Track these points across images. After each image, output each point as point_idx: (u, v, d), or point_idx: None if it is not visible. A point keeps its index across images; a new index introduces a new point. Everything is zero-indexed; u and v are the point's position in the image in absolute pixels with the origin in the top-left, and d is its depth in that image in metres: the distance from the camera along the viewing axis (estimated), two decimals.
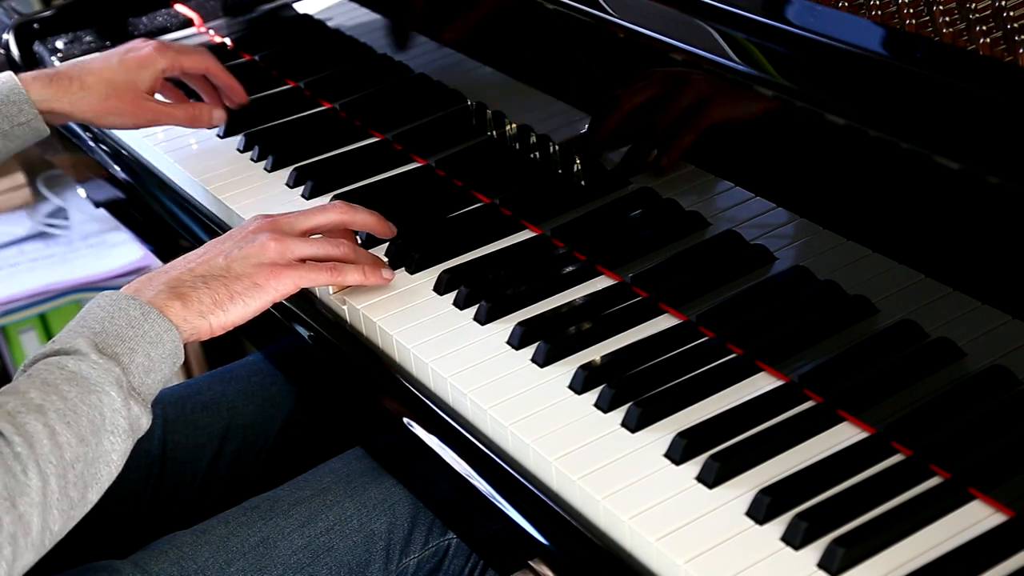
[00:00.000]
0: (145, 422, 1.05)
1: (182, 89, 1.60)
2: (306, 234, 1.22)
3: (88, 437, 1.00)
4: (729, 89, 1.15)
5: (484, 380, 1.13)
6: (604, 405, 1.08)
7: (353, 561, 1.22)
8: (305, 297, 1.31)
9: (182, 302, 1.10)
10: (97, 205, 1.85)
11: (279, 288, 1.16)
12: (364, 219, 1.27)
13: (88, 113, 1.44)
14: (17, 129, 1.39)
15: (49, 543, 0.98)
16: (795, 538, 0.93)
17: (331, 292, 1.27)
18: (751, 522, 0.96)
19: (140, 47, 1.47)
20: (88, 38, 1.83)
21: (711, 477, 0.99)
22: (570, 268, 1.26)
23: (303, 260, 1.18)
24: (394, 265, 1.29)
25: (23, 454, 0.95)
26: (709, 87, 1.18)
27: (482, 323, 1.20)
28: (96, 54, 1.49)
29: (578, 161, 1.33)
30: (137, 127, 1.49)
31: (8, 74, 1.41)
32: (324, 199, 1.43)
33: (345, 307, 1.26)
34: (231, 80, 1.56)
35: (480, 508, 1.09)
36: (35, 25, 1.83)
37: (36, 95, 1.40)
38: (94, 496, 1.01)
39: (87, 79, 1.42)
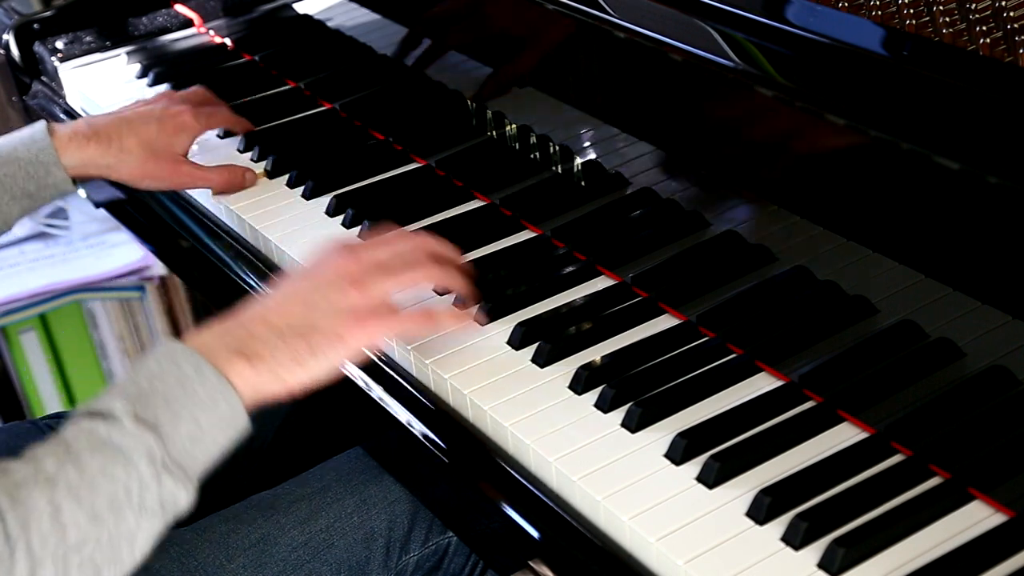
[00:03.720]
0: (184, 499, 0.94)
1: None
2: (389, 268, 1.09)
3: (104, 515, 0.90)
4: (728, 88, 1.15)
5: (484, 380, 1.13)
6: (604, 405, 1.08)
7: (353, 559, 1.23)
8: None
9: (250, 362, 0.99)
10: (97, 205, 1.85)
11: (364, 340, 1.05)
12: (457, 283, 1.16)
13: (125, 177, 1.41)
14: (43, 190, 1.35)
15: None
16: (795, 538, 0.93)
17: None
18: (751, 522, 0.96)
19: (177, 112, 1.44)
20: (88, 38, 1.83)
21: (711, 477, 0.99)
22: (570, 268, 1.26)
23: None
24: None
25: (13, 535, 0.87)
26: (708, 86, 1.18)
27: (482, 323, 1.20)
28: (131, 108, 1.46)
29: (578, 161, 1.33)
30: (170, 189, 1.48)
31: (41, 128, 1.36)
32: (324, 199, 1.42)
33: None
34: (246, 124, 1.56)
35: (480, 508, 1.09)
36: (35, 25, 1.83)
37: (69, 159, 1.35)
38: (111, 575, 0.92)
39: (127, 142, 1.38)
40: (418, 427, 1.15)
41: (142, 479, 0.92)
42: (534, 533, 1.03)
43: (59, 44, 1.82)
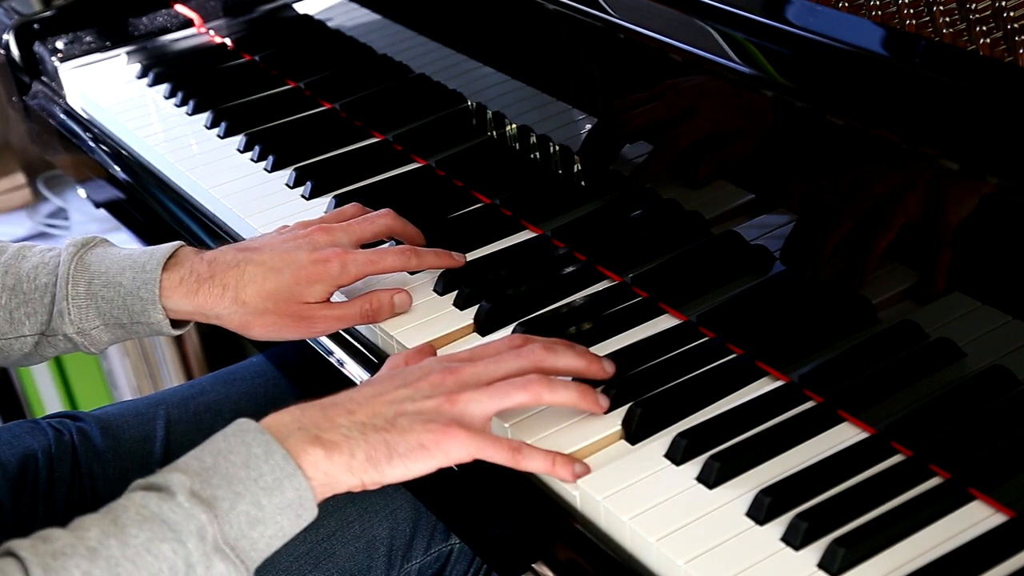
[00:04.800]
0: None
1: None
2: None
3: None
4: (728, 88, 1.15)
5: None
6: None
7: (355, 567, 1.22)
8: None
9: (325, 451, 0.94)
10: (97, 205, 1.85)
11: (449, 455, 0.97)
12: (574, 401, 1.04)
13: (235, 326, 1.19)
14: (137, 326, 1.18)
15: None
16: (795, 538, 0.93)
17: None
18: (751, 522, 0.96)
19: (323, 260, 1.16)
20: (88, 38, 1.83)
21: (711, 477, 0.99)
22: (570, 268, 1.26)
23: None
24: None
25: None
26: (708, 87, 1.18)
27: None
28: (267, 239, 1.21)
29: (578, 161, 1.33)
30: (296, 339, 1.20)
31: (158, 259, 1.17)
32: (324, 199, 1.43)
33: None
34: (419, 237, 1.28)
35: (481, 510, 1.09)
36: (35, 25, 1.83)
37: (173, 304, 1.17)
38: None
39: (245, 292, 1.15)
40: None
41: (190, 558, 0.87)
42: (535, 535, 1.03)
43: (59, 44, 1.82)
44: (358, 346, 1.24)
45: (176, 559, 0.87)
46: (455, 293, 1.24)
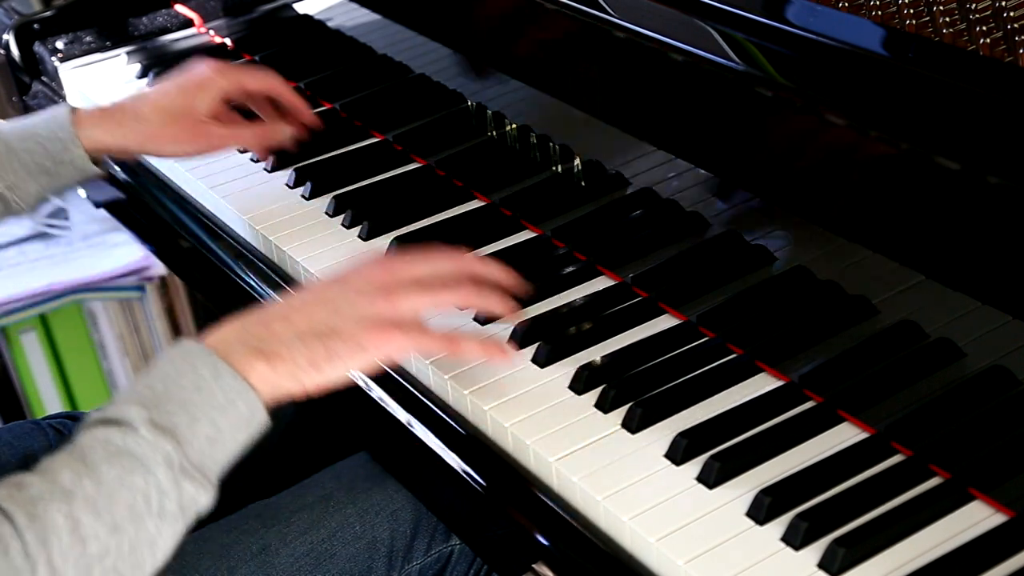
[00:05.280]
0: (204, 501, 0.94)
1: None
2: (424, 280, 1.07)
3: (124, 525, 0.90)
4: (728, 88, 1.15)
5: (484, 380, 1.13)
6: (605, 406, 1.08)
7: (355, 568, 1.22)
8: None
9: (269, 363, 0.98)
10: (97, 205, 1.85)
11: (385, 351, 1.03)
12: (498, 309, 1.12)
13: (145, 144, 1.35)
14: (61, 167, 1.31)
15: None
16: (795, 538, 0.93)
17: None
18: (751, 522, 0.96)
19: (197, 69, 1.38)
20: (88, 38, 1.83)
21: (711, 477, 0.99)
22: (570, 268, 1.26)
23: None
24: None
25: (33, 552, 0.86)
26: (708, 86, 1.18)
27: (482, 323, 1.20)
28: (153, 86, 1.42)
29: (578, 161, 1.33)
30: (199, 154, 1.38)
31: (64, 108, 1.34)
32: (324, 199, 1.42)
33: None
34: (299, 100, 1.45)
35: (481, 510, 1.09)
36: (35, 25, 1.83)
37: (85, 133, 1.31)
38: None
39: (142, 109, 1.34)
40: (419, 429, 1.15)
41: (161, 486, 0.91)
42: (536, 535, 1.03)
43: (59, 44, 1.82)
44: None
45: (148, 488, 0.90)
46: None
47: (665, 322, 1.18)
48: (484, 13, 1.44)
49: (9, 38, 1.82)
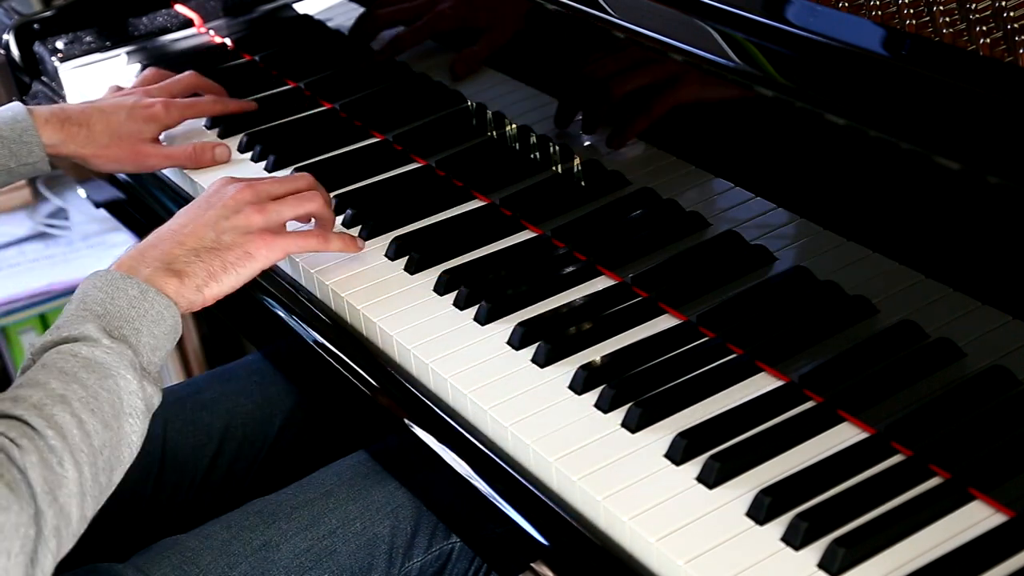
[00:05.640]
0: (157, 399, 1.07)
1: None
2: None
3: (111, 422, 1.01)
4: (728, 88, 1.15)
5: (484, 380, 1.13)
6: (604, 405, 1.08)
7: (356, 565, 1.22)
8: (306, 297, 1.31)
9: (179, 278, 1.12)
10: (97, 205, 1.85)
11: (270, 256, 1.19)
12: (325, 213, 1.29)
13: (90, 159, 1.47)
14: (23, 168, 1.43)
15: (82, 530, 0.99)
16: (795, 538, 0.93)
17: None
18: (751, 522, 0.96)
19: (150, 104, 1.49)
20: (88, 38, 1.83)
21: (711, 477, 0.99)
22: (570, 268, 1.26)
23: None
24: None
25: (57, 446, 0.96)
26: (708, 86, 1.18)
27: (482, 323, 1.20)
28: (109, 98, 1.52)
29: (578, 161, 1.33)
30: (139, 171, 1.54)
31: (22, 110, 1.42)
32: None
33: (345, 307, 1.26)
34: (221, 90, 1.61)
35: (481, 510, 1.09)
36: (35, 25, 1.83)
37: (47, 139, 1.43)
38: (117, 478, 1.03)
39: (95, 127, 1.45)
40: (418, 428, 1.15)
41: (130, 387, 1.03)
42: (535, 534, 1.03)
43: (59, 44, 1.82)
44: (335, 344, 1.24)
45: (120, 390, 1.03)
46: (455, 293, 1.24)
47: (665, 322, 1.18)
48: (484, 13, 1.44)
49: (9, 38, 1.82)
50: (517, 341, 1.16)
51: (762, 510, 0.96)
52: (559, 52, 1.33)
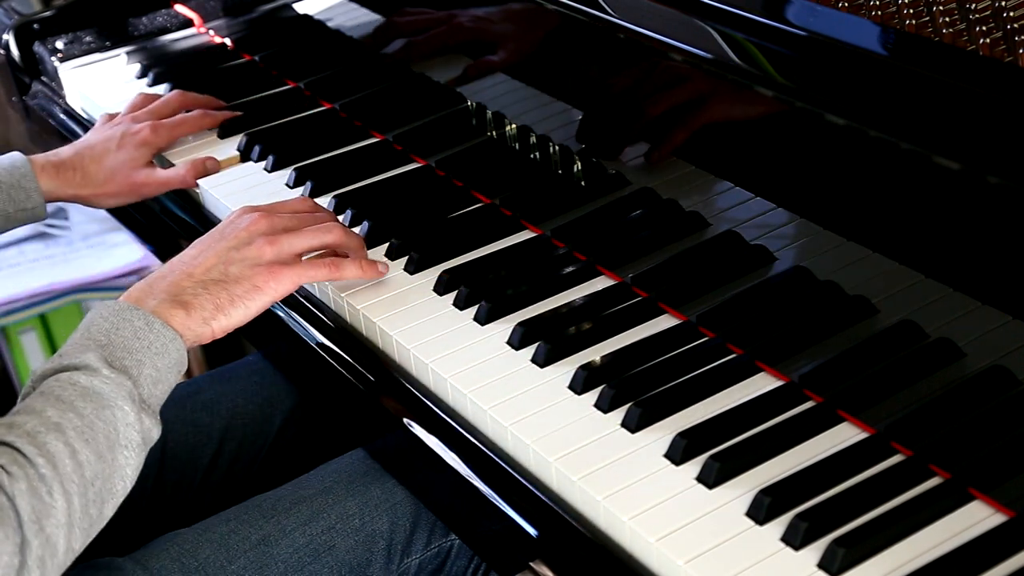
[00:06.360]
0: (156, 433, 1.05)
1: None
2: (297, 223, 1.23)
3: (105, 453, 1.00)
4: (729, 88, 1.15)
5: (484, 380, 1.13)
6: (604, 405, 1.08)
7: (354, 560, 1.22)
8: (305, 297, 1.31)
9: (185, 311, 1.11)
10: None
11: (279, 289, 1.16)
12: (355, 244, 1.26)
13: (90, 199, 1.49)
14: (20, 213, 1.44)
15: (69, 562, 0.98)
16: (795, 538, 0.93)
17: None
18: (751, 522, 0.96)
19: (136, 131, 1.50)
20: (88, 38, 1.83)
21: (711, 477, 0.99)
22: (570, 268, 1.26)
23: (299, 255, 1.20)
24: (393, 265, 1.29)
25: (47, 475, 0.95)
26: (708, 86, 1.18)
27: (482, 323, 1.20)
28: (98, 135, 1.52)
29: (578, 161, 1.33)
30: (141, 200, 1.53)
31: (20, 158, 1.44)
32: (324, 199, 1.43)
33: (345, 307, 1.26)
34: (211, 101, 1.62)
35: (480, 509, 1.09)
36: (35, 25, 1.83)
37: (44, 186, 1.44)
38: (109, 511, 1.02)
39: (88, 168, 1.47)
40: (417, 427, 1.15)
41: (127, 419, 1.02)
42: (534, 533, 1.03)
43: (59, 44, 1.82)
44: (338, 348, 1.24)
45: (116, 421, 1.01)
46: (455, 293, 1.24)
47: (665, 322, 1.18)
48: (484, 13, 1.44)
49: (9, 38, 1.82)
50: (517, 341, 1.16)
51: (762, 510, 0.96)
52: (559, 52, 1.33)
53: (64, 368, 1.03)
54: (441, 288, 1.25)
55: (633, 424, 1.05)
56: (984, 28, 1.02)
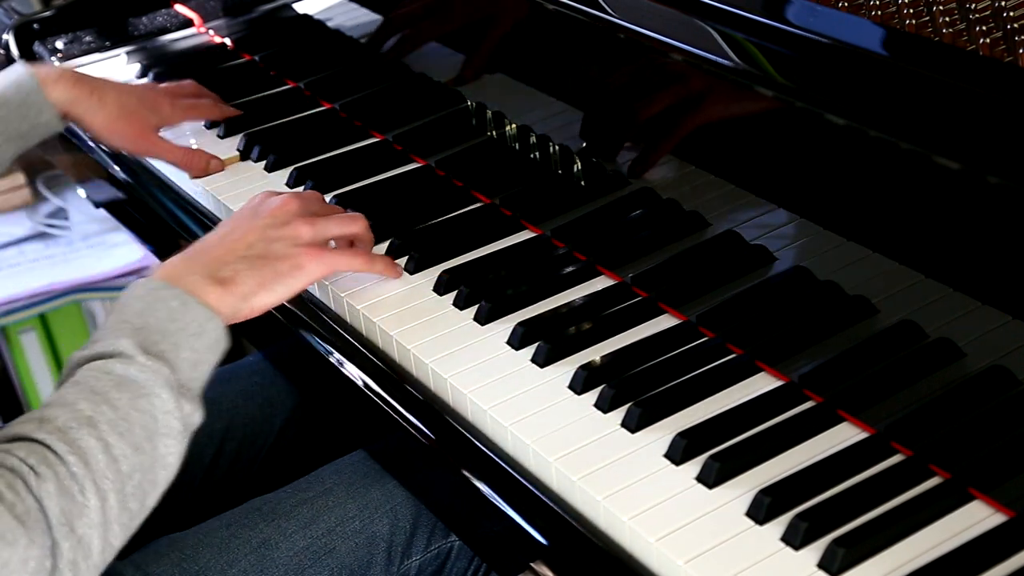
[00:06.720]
0: (197, 418, 1.03)
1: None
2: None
3: (143, 444, 0.97)
4: (729, 88, 1.15)
5: (484, 380, 1.13)
6: (604, 405, 1.08)
7: (355, 563, 1.22)
8: (305, 298, 1.31)
9: (223, 287, 1.08)
10: (97, 205, 1.85)
11: (318, 270, 1.15)
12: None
13: (97, 126, 1.45)
14: (35, 130, 1.40)
15: (108, 560, 0.96)
16: (795, 538, 0.93)
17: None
18: (751, 522, 0.96)
19: (161, 98, 1.51)
20: (88, 38, 1.83)
21: (711, 477, 0.99)
22: (570, 268, 1.26)
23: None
24: None
25: (79, 473, 0.93)
26: (708, 86, 1.18)
27: (482, 323, 1.20)
28: (120, 81, 1.52)
29: (578, 161, 1.33)
30: (136, 154, 1.54)
31: (27, 73, 1.40)
32: (325, 199, 1.42)
33: (345, 308, 1.26)
34: (229, 112, 1.61)
35: (480, 509, 1.09)
36: (35, 25, 1.83)
37: (58, 95, 1.40)
38: (152, 502, 1.00)
39: (107, 95, 1.44)
40: (417, 426, 1.15)
41: (166, 407, 0.99)
42: (534, 534, 1.03)
43: (59, 44, 1.82)
44: (357, 346, 1.24)
45: (154, 410, 0.98)
46: (455, 293, 1.24)
47: (665, 322, 1.18)
48: (484, 13, 1.44)
49: (9, 38, 1.82)
50: (517, 341, 1.16)
51: (762, 510, 0.96)
52: (559, 52, 1.33)
53: (99, 355, 1.00)
54: (441, 288, 1.25)
55: (633, 424, 1.05)
56: (984, 28, 1.02)
